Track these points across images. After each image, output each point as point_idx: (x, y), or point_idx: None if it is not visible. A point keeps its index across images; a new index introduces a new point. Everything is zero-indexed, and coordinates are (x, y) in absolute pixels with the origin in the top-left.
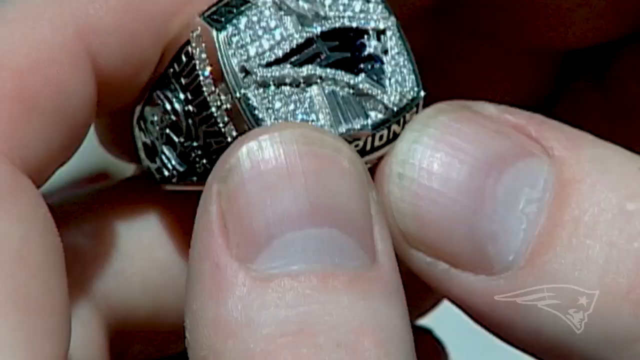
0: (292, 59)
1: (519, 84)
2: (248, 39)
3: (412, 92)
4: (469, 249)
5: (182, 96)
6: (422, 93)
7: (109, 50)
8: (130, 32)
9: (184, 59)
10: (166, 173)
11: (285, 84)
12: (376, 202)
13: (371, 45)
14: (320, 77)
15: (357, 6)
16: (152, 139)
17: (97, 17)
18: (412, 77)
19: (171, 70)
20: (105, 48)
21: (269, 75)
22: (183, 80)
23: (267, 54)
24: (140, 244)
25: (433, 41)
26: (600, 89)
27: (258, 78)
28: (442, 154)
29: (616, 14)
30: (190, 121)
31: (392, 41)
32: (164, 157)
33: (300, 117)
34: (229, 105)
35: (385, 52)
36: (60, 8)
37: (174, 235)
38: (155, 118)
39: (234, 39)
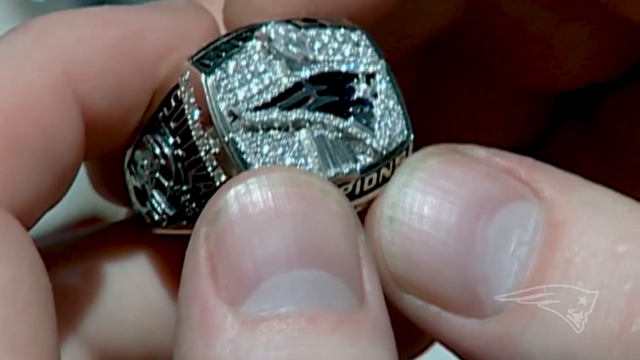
0: (281, 103)
1: (510, 125)
2: (236, 83)
3: (401, 136)
4: (460, 291)
5: (171, 140)
6: (412, 136)
7: (97, 93)
8: (118, 75)
9: (173, 103)
10: (156, 217)
11: (273, 128)
12: (364, 244)
13: (360, 89)
14: (309, 121)
15: (347, 50)
16: (142, 182)
17: (85, 60)
18: (402, 120)
19: (161, 114)
20: (93, 91)
21: (257, 119)
22: (172, 124)
23: (256, 98)
24: (132, 285)
25: (424, 82)
26: (590, 129)
27: (246, 122)
28: (433, 197)
29: (605, 56)
30: (179, 165)
31: (382, 85)
32: (154, 201)
33: (288, 161)
34: (217, 149)
35: (375, 95)
36: (47, 50)
37: (166, 277)
38: (146, 162)
39: (223, 83)
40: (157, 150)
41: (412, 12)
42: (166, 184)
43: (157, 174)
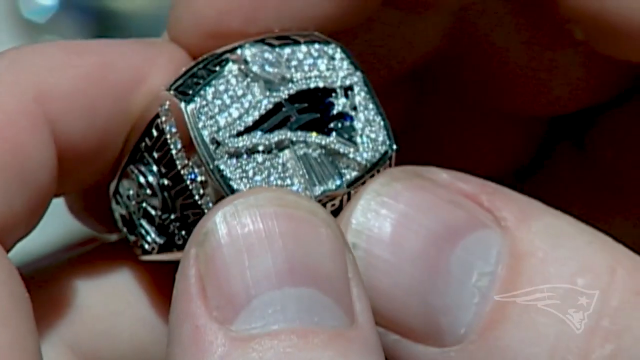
0: (262, 126)
1: (502, 151)
2: (217, 109)
3: (383, 146)
4: (421, 320)
5: (155, 170)
6: (394, 147)
7: (68, 115)
8: (90, 98)
9: (154, 133)
10: (146, 246)
11: (257, 152)
12: (353, 264)
13: (339, 103)
14: (292, 141)
15: (323, 65)
16: (129, 211)
17: (56, 85)
18: (383, 131)
19: (143, 144)
20: (65, 113)
21: (240, 144)
22: (155, 154)
23: (237, 122)
24: (127, 302)
25: (413, 110)
26: (581, 153)
27: (230, 148)
28: (396, 224)
29: (594, 82)
30: (166, 194)
31: (360, 96)
32: (142, 230)
33: (274, 182)
34: (203, 178)
35: (355, 108)
36: (18, 74)
37: (158, 294)
38: (131, 192)
39: (203, 110)
40: (142, 180)
41: (396, 39)
42: (154, 213)
43: (144, 204)
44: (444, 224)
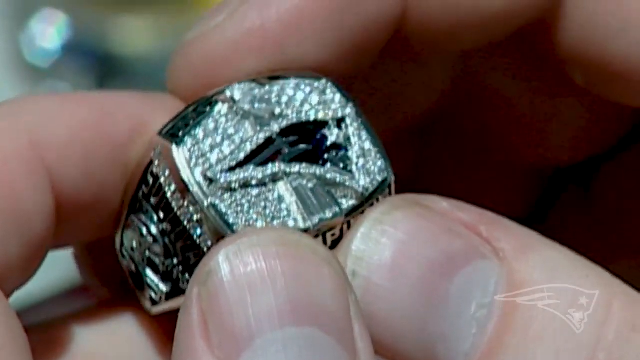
0: (255, 160)
1: (504, 199)
2: (208, 148)
3: (381, 174)
4: (419, 349)
5: (155, 217)
6: (393, 175)
7: (66, 164)
8: (88, 147)
9: (150, 179)
10: (153, 295)
11: (251, 186)
12: (355, 303)
13: (333, 134)
14: (285, 173)
15: (314, 99)
16: (136, 265)
17: (53, 132)
18: (380, 160)
19: (141, 192)
20: (62, 161)
21: (233, 179)
22: (153, 200)
23: (229, 158)
24: (132, 348)
25: (418, 159)
26: (585, 200)
27: (223, 184)
28: (396, 253)
29: (597, 130)
30: (166, 240)
31: (354, 127)
32: (149, 280)
33: (270, 215)
34: (198, 216)
35: (349, 139)
36: (14, 121)
37: (165, 340)
38: (135, 243)
39: (194, 149)
40: (144, 230)
41: (398, 91)
42: (157, 260)
43: (148, 253)
44: (443, 253)
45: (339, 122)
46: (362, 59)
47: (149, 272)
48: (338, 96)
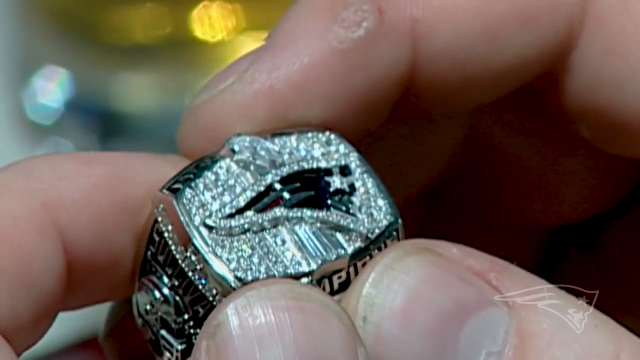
0: (255, 207)
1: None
2: (208, 199)
3: (387, 218)
4: None
5: (164, 276)
6: (400, 219)
7: (78, 225)
8: (100, 209)
9: (156, 238)
10: (169, 356)
11: (252, 231)
12: (364, 356)
13: (336, 181)
14: (287, 218)
15: (317, 150)
16: (151, 327)
17: (65, 193)
18: (386, 205)
19: (149, 253)
20: (74, 223)
21: (233, 224)
22: (160, 258)
23: (228, 205)
24: None
25: (425, 223)
26: (591, 260)
27: (223, 231)
28: (408, 300)
29: (605, 188)
30: (176, 297)
31: (357, 173)
32: (164, 342)
33: (273, 260)
34: (201, 265)
35: (352, 186)
36: (27, 182)
37: None
38: (148, 307)
39: (194, 200)
40: (156, 292)
41: (407, 155)
42: (169, 319)
43: (160, 313)
44: (453, 301)
45: (342, 169)
46: (370, 120)
47: (164, 333)
48: (342, 146)
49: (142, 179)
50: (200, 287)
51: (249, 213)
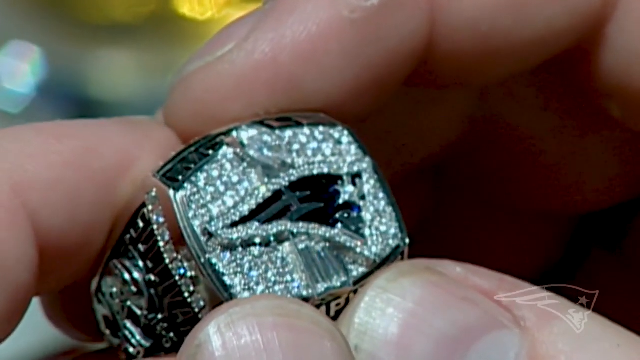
0: (260, 216)
1: (526, 252)
2: (209, 197)
3: (395, 240)
4: None
5: (141, 264)
6: (407, 240)
7: (49, 207)
8: (73, 187)
9: (140, 223)
10: (131, 350)
11: (254, 244)
12: None
13: (346, 192)
14: (292, 233)
15: (328, 149)
16: (112, 312)
17: (35, 173)
18: (395, 223)
19: (128, 236)
20: (46, 205)
21: (235, 236)
22: (141, 247)
23: (232, 212)
24: None
25: (428, 203)
26: (613, 256)
27: (223, 240)
28: (405, 326)
29: (630, 171)
30: (152, 291)
31: (369, 184)
32: (127, 332)
33: (273, 279)
34: (193, 273)
35: (363, 197)
36: None
37: None
38: (115, 290)
39: (194, 198)
40: (127, 276)
41: (411, 127)
42: (139, 312)
43: (129, 303)
44: (456, 324)
45: (354, 177)
46: (380, 96)
47: (128, 324)
48: (354, 147)
49: (115, 151)
50: (186, 294)
51: (253, 224)
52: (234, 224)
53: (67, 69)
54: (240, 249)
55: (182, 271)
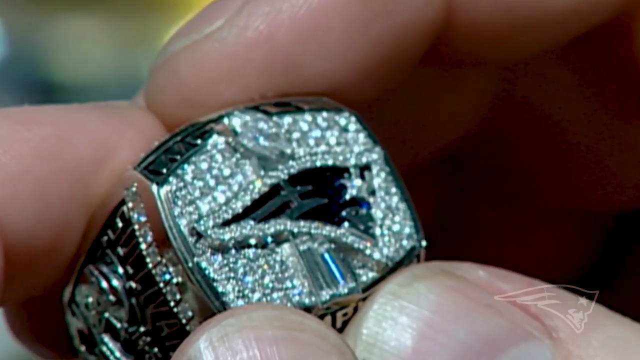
0: (256, 213)
1: (557, 255)
2: (197, 193)
3: (409, 241)
4: None
5: (120, 270)
6: (424, 242)
7: (16, 203)
8: (42, 181)
9: (119, 223)
10: None
11: (248, 246)
12: None
13: (354, 186)
14: (292, 233)
15: (333, 138)
16: (88, 325)
17: (1, 164)
18: (409, 222)
19: (105, 238)
20: (11, 200)
21: (227, 236)
22: (120, 250)
23: (223, 209)
24: None
25: (448, 201)
26: None
27: (214, 241)
28: (419, 337)
29: None
30: (133, 301)
31: (380, 178)
32: (104, 348)
33: (270, 285)
34: (179, 279)
35: (373, 192)
36: None
37: None
38: (90, 300)
39: (180, 194)
40: (104, 284)
41: (428, 112)
42: (119, 325)
43: (106, 314)
44: (479, 335)
45: (362, 170)
46: (392, 77)
47: (105, 338)
48: (362, 136)
49: (93, 140)
50: (172, 303)
51: (248, 223)
52: (226, 223)
53: (29, 42)
54: (233, 251)
55: (167, 277)
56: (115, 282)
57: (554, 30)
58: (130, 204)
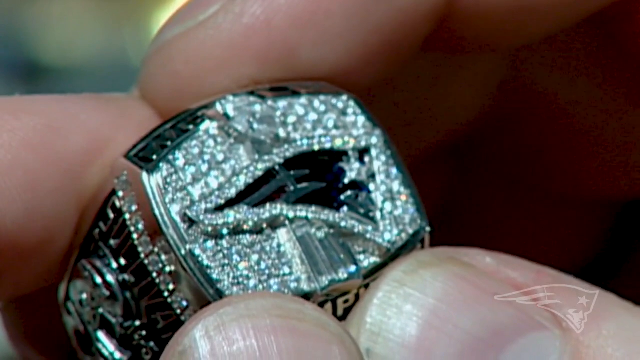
0: (250, 198)
1: (564, 242)
2: (189, 179)
3: (413, 225)
4: None
5: (114, 264)
6: (428, 227)
7: (4, 195)
8: (32, 172)
9: (110, 214)
10: None
11: (243, 232)
12: None
13: (353, 169)
14: (289, 218)
15: (330, 121)
16: (83, 322)
17: None
18: (412, 206)
19: (97, 231)
20: (1, 193)
21: (220, 222)
22: (113, 242)
23: (216, 194)
24: None
25: (453, 186)
26: None
27: (207, 227)
28: (425, 326)
29: None
30: (128, 295)
31: (380, 161)
32: (100, 345)
33: (266, 271)
34: (172, 267)
35: (372, 176)
36: None
37: None
38: (85, 296)
39: (171, 180)
40: (98, 279)
41: (433, 98)
42: (114, 321)
43: (101, 310)
44: (486, 324)
45: (362, 153)
46: (394, 63)
47: (101, 336)
48: (362, 119)
49: (85, 131)
50: (165, 293)
51: (242, 208)
52: (219, 208)
53: (13, 23)
54: (227, 237)
55: (159, 266)
56: (109, 277)
57: (561, 12)
58: (120, 193)
